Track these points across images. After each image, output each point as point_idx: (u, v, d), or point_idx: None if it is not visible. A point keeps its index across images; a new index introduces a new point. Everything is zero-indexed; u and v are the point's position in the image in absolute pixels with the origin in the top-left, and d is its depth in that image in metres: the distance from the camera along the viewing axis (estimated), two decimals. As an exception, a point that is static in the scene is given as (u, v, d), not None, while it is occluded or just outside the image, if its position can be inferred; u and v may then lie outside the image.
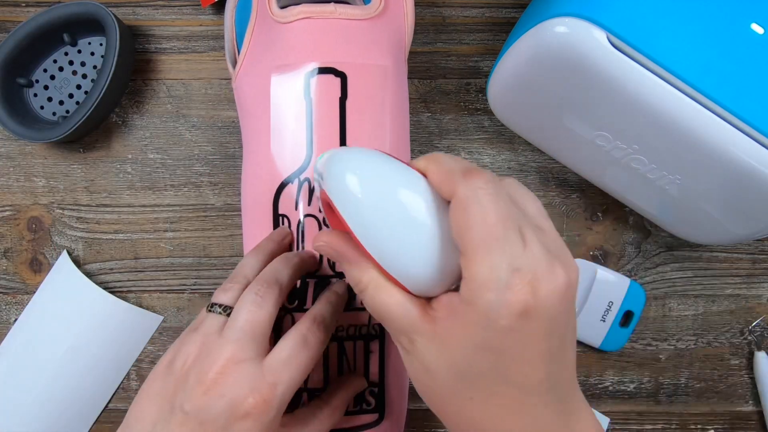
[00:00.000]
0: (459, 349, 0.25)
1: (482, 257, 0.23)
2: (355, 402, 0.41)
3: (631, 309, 0.47)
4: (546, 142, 0.43)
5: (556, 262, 0.24)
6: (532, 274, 0.23)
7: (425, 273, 0.26)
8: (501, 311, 0.23)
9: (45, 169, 0.46)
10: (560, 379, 0.26)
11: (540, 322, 0.24)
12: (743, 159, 0.32)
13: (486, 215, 0.24)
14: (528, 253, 0.24)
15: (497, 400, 0.25)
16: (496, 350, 0.24)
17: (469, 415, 0.26)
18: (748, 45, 0.31)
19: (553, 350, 0.25)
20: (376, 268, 0.27)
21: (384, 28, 0.40)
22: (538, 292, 0.23)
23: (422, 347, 0.26)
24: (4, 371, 0.45)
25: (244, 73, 0.40)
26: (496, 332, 0.24)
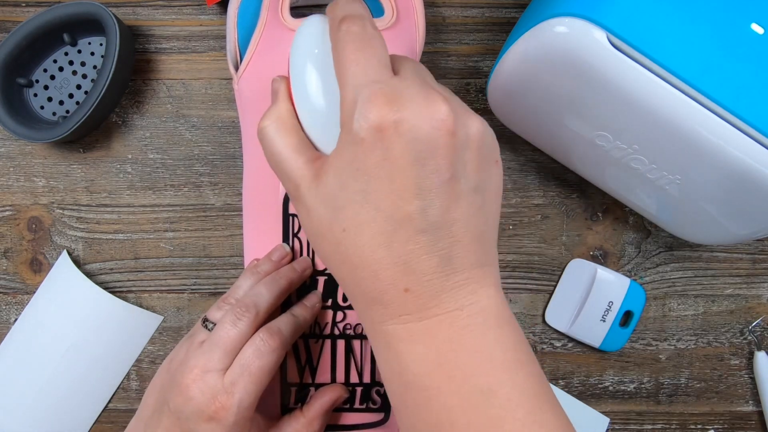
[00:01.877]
0: (333, 176, 0.25)
1: (344, 81, 0.25)
2: (361, 400, 0.41)
3: (631, 309, 0.47)
4: (546, 142, 0.43)
5: (434, 94, 0.24)
6: (395, 93, 0.24)
7: (327, 123, 0.28)
8: (361, 123, 0.24)
9: (45, 169, 0.46)
10: (441, 226, 0.25)
11: (406, 142, 0.24)
12: (743, 159, 0.32)
13: (345, 47, 0.25)
14: (396, 79, 0.25)
15: (368, 230, 0.25)
16: (364, 170, 0.24)
17: (345, 249, 0.26)
18: (748, 45, 0.31)
19: (427, 185, 0.24)
20: (291, 111, 0.29)
21: (396, 40, 0.41)
22: (401, 110, 0.23)
23: (305, 189, 0.26)
24: (4, 371, 0.45)
25: (249, 76, 0.40)
26: (361, 149, 0.24)
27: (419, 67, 0.28)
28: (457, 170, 0.25)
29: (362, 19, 0.26)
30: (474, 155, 0.26)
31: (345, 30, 0.26)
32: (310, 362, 0.41)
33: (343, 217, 0.25)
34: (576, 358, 0.48)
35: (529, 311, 0.48)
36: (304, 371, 0.41)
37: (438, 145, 0.24)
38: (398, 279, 0.25)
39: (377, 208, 0.25)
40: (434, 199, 0.25)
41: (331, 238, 0.26)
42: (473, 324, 0.26)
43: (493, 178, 0.27)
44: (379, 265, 0.25)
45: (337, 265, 0.27)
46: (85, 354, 0.45)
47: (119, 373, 0.47)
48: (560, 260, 0.48)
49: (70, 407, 0.45)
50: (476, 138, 0.26)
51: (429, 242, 0.25)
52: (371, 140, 0.24)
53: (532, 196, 0.47)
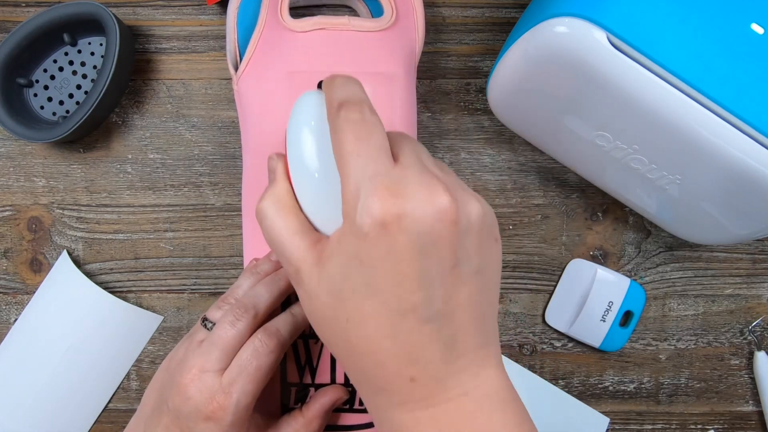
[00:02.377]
0: (335, 266, 0.25)
1: (346, 173, 0.25)
2: (360, 401, 0.41)
3: (631, 309, 0.47)
4: (546, 142, 0.43)
5: (435, 180, 0.25)
6: (397, 187, 0.24)
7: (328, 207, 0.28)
8: (364, 218, 0.24)
9: (45, 169, 0.46)
10: (445, 314, 0.25)
11: (410, 236, 0.24)
12: (743, 159, 0.32)
13: (346, 136, 0.25)
14: (398, 169, 0.25)
15: (372, 321, 0.25)
16: (368, 263, 0.24)
17: (349, 338, 0.26)
18: (748, 45, 0.31)
19: (431, 275, 0.24)
20: (290, 191, 0.29)
21: (396, 39, 0.41)
22: (404, 204, 0.23)
23: (307, 274, 0.26)
24: (4, 371, 0.45)
25: (248, 76, 0.40)
26: (365, 242, 0.24)
27: (418, 147, 0.27)
28: (460, 257, 0.25)
29: (361, 105, 0.26)
30: (475, 239, 0.26)
31: (344, 117, 0.26)
32: (310, 362, 0.41)
33: (347, 307, 0.25)
34: (576, 358, 0.48)
35: (529, 311, 0.48)
36: (304, 371, 0.41)
37: (441, 236, 0.24)
38: (404, 368, 0.25)
39: (381, 300, 0.25)
40: (438, 289, 0.25)
41: (335, 326, 0.26)
42: (479, 409, 0.26)
43: (493, 257, 0.27)
44: (385, 355, 0.25)
45: (341, 351, 0.27)
46: (85, 354, 0.45)
47: (119, 373, 0.47)
48: (560, 260, 0.48)
49: (70, 407, 0.45)
50: (477, 222, 0.26)
51: (433, 331, 0.25)
52: (375, 235, 0.24)
53: (532, 196, 0.47)
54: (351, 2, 0.46)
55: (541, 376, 0.48)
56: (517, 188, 0.47)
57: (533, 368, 0.48)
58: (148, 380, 0.47)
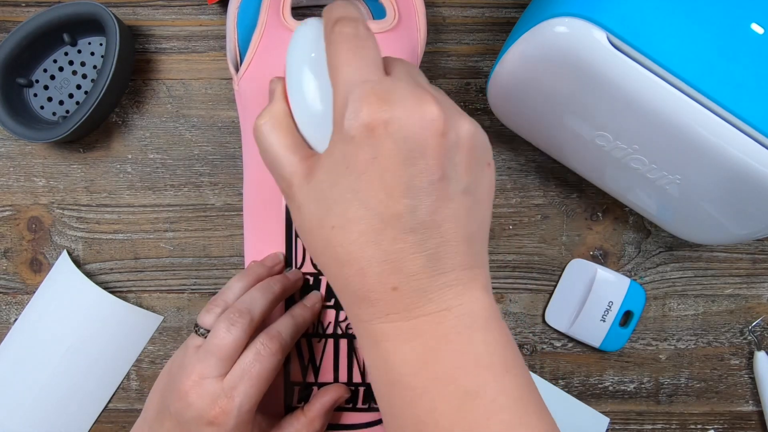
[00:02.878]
0: (324, 173, 0.25)
1: (337, 81, 0.25)
2: (363, 400, 0.41)
3: (631, 309, 0.47)
4: (546, 142, 0.43)
5: (426, 93, 0.25)
6: (386, 93, 0.24)
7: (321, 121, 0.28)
8: (351, 122, 0.24)
9: (45, 169, 0.46)
10: (429, 225, 0.25)
11: (395, 141, 0.24)
12: (743, 159, 0.32)
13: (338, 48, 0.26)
14: (388, 80, 0.25)
15: (356, 227, 0.25)
16: (354, 168, 0.24)
17: (334, 246, 0.26)
18: (748, 45, 0.31)
19: (416, 184, 0.24)
20: (287, 111, 0.29)
21: (398, 41, 0.42)
22: (391, 109, 0.24)
23: (297, 186, 0.27)
24: (4, 371, 0.45)
25: (250, 77, 0.41)
26: (352, 147, 0.24)
27: (412, 68, 0.28)
28: (448, 171, 0.25)
29: (355, 21, 0.27)
30: (464, 157, 0.26)
31: (338, 31, 0.26)
32: (313, 362, 0.41)
33: (333, 214, 0.25)
34: (576, 358, 0.48)
35: (529, 311, 0.48)
36: (307, 370, 0.41)
37: (428, 145, 0.24)
38: (386, 277, 0.25)
39: (366, 205, 0.25)
40: (423, 199, 0.25)
41: (321, 235, 0.26)
42: (460, 325, 0.26)
43: (484, 180, 0.27)
44: (367, 262, 0.25)
45: (326, 262, 0.27)
46: (85, 354, 0.45)
47: (119, 373, 0.47)
48: (560, 260, 0.48)
49: (70, 407, 0.45)
50: (467, 139, 0.26)
51: (417, 241, 0.25)
52: (361, 138, 0.24)
53: (532, 196, 0.47)
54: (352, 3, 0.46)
55: (541, 376, 0.48)
56: (517, 188, 0.47)
57: (533, 368, 0.48)
58: (148, 380, 0.47)
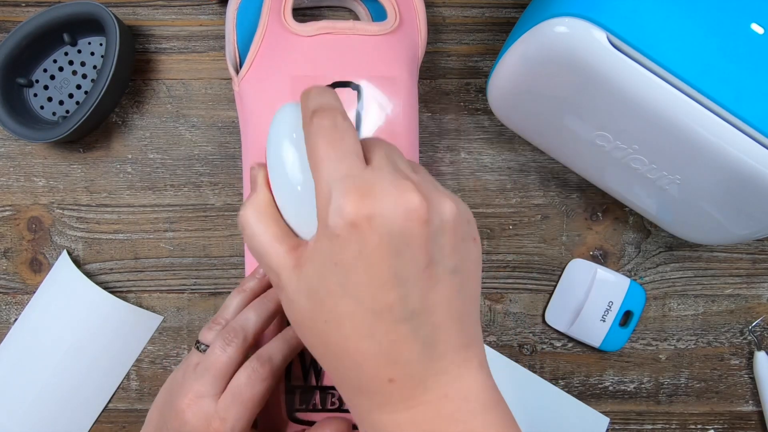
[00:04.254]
0: (312, 268, 0.26)
1: (318, 177, 0.25)
2: None
3: (631, 309, 0.47)
4: (546, 142, 0.43)
5: (405, 181, 0.25)
6: (367, 187, 0.24)
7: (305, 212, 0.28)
8: (336, 220, 0.24)
9: (45, 169, 0.46)
10: (420, 313, 0.25)
11: (381, 236, 0.24)
12: (743, 159, 0.32)
13: (318, 142, 0.26)
14: (369, 171, 0.25)
15: (349, 321, 0.25)
16: (341, 264, 0.24)
17: (328, 340, 0.26)
18: (748, 45, 0.31)
19: (405, 275, 0.24)
20: (270, 200, 0.30)
21: (399, 43, 0.42)
22: (374, 204, 0.24)
23: (286, 279, 0.27)
24: (4, 371, 0.45)
25: (250, 79, 0.41)
26: (338, 244, 0.24)
27: (390, 150, 0.28)
28: (434, 255, 0.25)
29: (333, 112, 0.26)
30: (449, 239, 0.26)
31: (317, 124, 0.26)
32: (315, 364, 0.41)
33: (325, 309, 0.25)
34: (576, 358, 0.48)
35: (529, 311, 0.48)
36: (309, 373, 0.41)
37: (412, 235, 0.24)
38: (382, 369, 0.25)
39: (357, 300, 0.25)
40: (413, 288, 0.25)
41: (314, 329, 0.26)
42: (458, 411, 0.26)
43: (471, 256, 0.27)
44: (363, 356, 0.25)
45: (322, 354, 0.27)
46: (85, 354, 0.45)
47: (119, 373, 0.47)
48: (560, 260, 0.48)
49: (70, 407, 0.45)
50: (450, 221, 0.26)
51: (410, 330, 0.25)
52: (346, 235, 0.24)
53: (532, 196, 0.47)
54: (352, 5, 0.46)
55: (541, 376, 0.48)
56: (517, 188, 0.47)
57: (533, 368, 0.48)
58: (148, 380, 0.47)
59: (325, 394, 0.41)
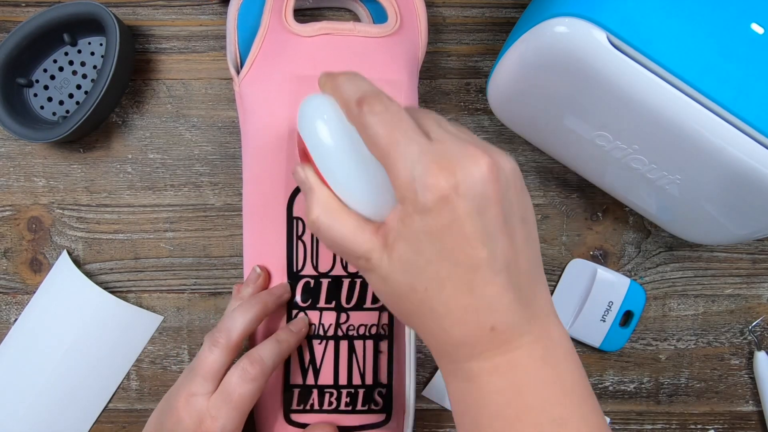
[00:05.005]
0: (406, 245, 0.27)
1: (393, 162, 0.26)
2: (363, 402, 0.41)
3: (631, 309, 0.47)
4: (546, 142, 0.43)
5: (470, 146, 0.27)
6: (444, 161, 0.26)
7: (374, 196, 0.30)
8: (427, 195, 0.26)
9: (45, 169, 0.46)
10: (509, 263, 0.27)
11: (467, 200, 0.26)
12: (743, 159, 0.32)
13: (379, 130, 0.27)
14: (435, 144, 0.27)
15: (450, 283, 0.27)
16: (436, 234, 0.26)
17: (430, 305, 0.28)
18: (748, 45, 0.31)
19: (491, 230, 0.26)
20: (332, 195, 0.30)
21: (399, 45, 0.42)
22: (454, 173, 0.26)
23: (377, 260, 0.28)
24: (4, 371, 0.45)
25: (251, 79, 0.41)
26: (431, 217, 0.26)
27: (437, 118, 0.29)
28: (506, 209, 0.27)
29: (378, 96, 0.28)
30: (514, 192, 0.28)
31: (369, 112, 0.27)
32: (314, 363, 0.41)
33: (424, 277, 0.27)
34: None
35: (529, 311, 0.48)
36: (307, 372, 0.41)
37: (490, 194, 0.26)
38: (484, 320, 0.27)
39: (455, 262, 0.27)
40: (499, 241, 0.27)
41: (413, 298, 0.28)
42: (548, 355, 0.28)
43: (529, 206, 0.30)
44: (465, 311, 0.27)
45: (420, 319, 0.29)
46: (85, 354, 0.45)
47: (119, 373, 0.47)
48: (560, 260, 0.48)
49: (70, 407, 0.45)
50: (511, 176, 0.28)
51: (506, 279, 0.27)
52: (438, 207, 0.26)
53: (532, 196, 0.47)
54: (352, 6, 0.46)
55: (541, 376, 0.48)
56: (517, 188, 0.47)
57: (533, 368, 0.48)
58: (148, 380, 0.47)
59: (323, 394, 0.41)
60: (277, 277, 0.42)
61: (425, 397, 0.47)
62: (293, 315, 0.41)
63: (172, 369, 0.47)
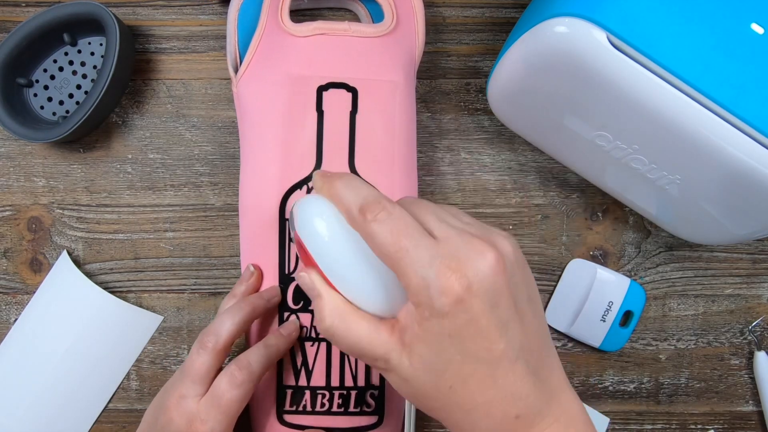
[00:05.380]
0: (426, 347, 0.27)
1: (405, 269, 0.27)
2: (355, 404, 0.41)
3: (631, 309, 0.47)
4: (546, 142, 0.43)
5: (474, 240, 0.27)
6: (454, 262, 0.26)
7: (384, 295, 0.29)
8: (443, 300, 0.26)
9: (45, 169, 0.46)
10: (523, 347, 0.27)
11: (481, 297, 0.26)
12: (743, 159, 0.32)
13: (387, 238, 0.27)
14: (441, 244, 0.27)
15: (473, 380, 0.27)
16: (456, 335, 0.26)
17: (455, 402, 0.28)
18: (748, 45, 0.31)
19: (505, 319, 0.27)
20: (342, 298, 0.30)
21: (395, 46, 0.42)
22: (466, 274, 0.26)
23: (397, 361, 0.28)
24: (4, 371, 0.45)
25: (248, 79, 0.41)
26: (448, 320, 0.26)
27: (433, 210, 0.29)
28: (514, 293, 0.28)
29: (381, 203, 0.28)
30: (520, 275, 0.28)
31: (373, 220, 0.27)
32: (306, 365, 0.41)
33: (448, 376, 0.27)
34: (576, 358, 0.48)
35: (529, 311, 0.48)
36: (300, 374, 0.41)
37: (500, 285, 0.27)
38: (509, 410, 0.28)
39: (477, 359, 0.27)
40: (513, 329, 0.27)
41: (438, 396, 0.28)
42: None
43: (532, 282, 0.30)
44: (491, 404, 0.27)
45: (447, 414, 0.29)
46: (85, 354, 0.45)
47: (119, 373, 0.47)
48: (560, 260, 0.48)
49: (70, 407, 0.45)
50: (513, 259, 0.28)
51: (524, 366, 0.27)
52: (455, 310, 0.26)
53: (532, 196, 0.47)
54: (352, 6, 0.46)
55: (541, 376, 0.48)
56: (517, 188, 0.47)
57: (533, 368, 0.48)
58: (148, 380, 0.47)
59: (315, 395, 0.41)
60: (269, 278, 0.41)
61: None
62: (285, 317, 0.41)
63: (172, 369, 0.47)
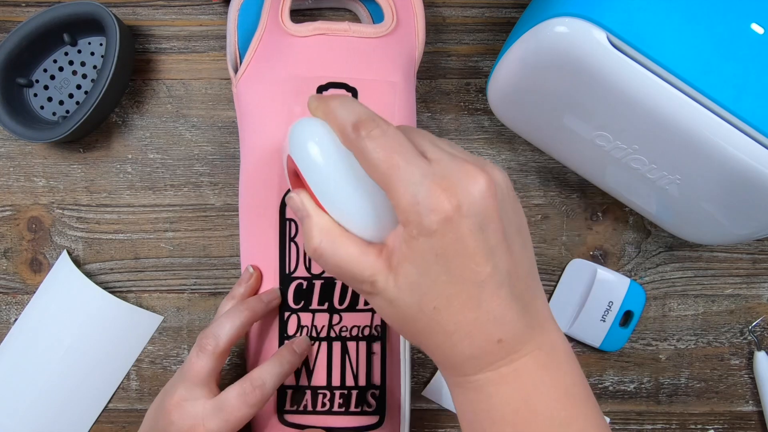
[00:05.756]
0: (412, 266, 0.27)
1: (395, 186, 0.26)
2: (356, 403, 0.41)
3: (631, 309, 0.47)
4: (546, 142, 0.43)
5: (467, 164, 0.27)
6: (445, 182, 0.26)
7: (374, 219, 0.29)
8: (431, 218, 0.26)
9: (45, 169, 0.46)
10: (510, 274, 0.28)
11: (470, 218, 0.26)
12: (743, 159, 0.32)
13: (379, 154, 0.27)
14: (435, 165, 0.27)
15: (457, 301, 0.27)
16: (442, 254, 0.27)
17: (438, 322, 0.28)
18: (748, 45, 0.31)
19: (492, 244, 0.27)
20: (330, 220, 0.30)
21: (395, 46, 0.42)
22: (456, 194, 0.26)
23: (383, 283, 0.28)
24: (4, 371, 0.45)
25: (248, 79, 0.41)
26: (436, 238, 0.26)
27: (430, 138, 0.30)
28: (504, 222, 0.28)
29: (375, 121, 0.28)
30: (510, 204, 0.29)
31: (367, 137, 0.27)
32: (307, 364, 0.41)
33: (432, 296, 0.27)
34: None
35: (529, 311, 0.48)
36: (301, 373, 0.41)
37: (490, 209, 0.27)
38: (491, 333, 0.28)
39: (462, 280, 0.27)
40: (500, 254, 0.27)
41: (422, 317, 0.28)
42: (550, 362, 0.29)
43: (522, 214, 0.30)
44: (473, 326, 0.28)
45: (428, 337, 0.29)
46: (85, 354, 0.45)
47: (119, 373, 0.47)
48: (560, 260, 0.48)
49: (70, 407, 0.45)
50: (506, 189, 0.28)
51: (509, 292, 0.28)
52: (443, 228, 0.26)
53: (532, 196, 0.47)
54: (352, 6, 0.46)
55: (541, 376, 0.48)
56: (517, 188, 0.47)
57: (533, 368, 0.48)
58: (148, 380, 0.47)
59: (316, 395, 0.41)
60: (269, 279, 0.41)
61: (425, 397, 0.47)
62: (285, 317, 0.41)
63: (172, 369, 0.47)
